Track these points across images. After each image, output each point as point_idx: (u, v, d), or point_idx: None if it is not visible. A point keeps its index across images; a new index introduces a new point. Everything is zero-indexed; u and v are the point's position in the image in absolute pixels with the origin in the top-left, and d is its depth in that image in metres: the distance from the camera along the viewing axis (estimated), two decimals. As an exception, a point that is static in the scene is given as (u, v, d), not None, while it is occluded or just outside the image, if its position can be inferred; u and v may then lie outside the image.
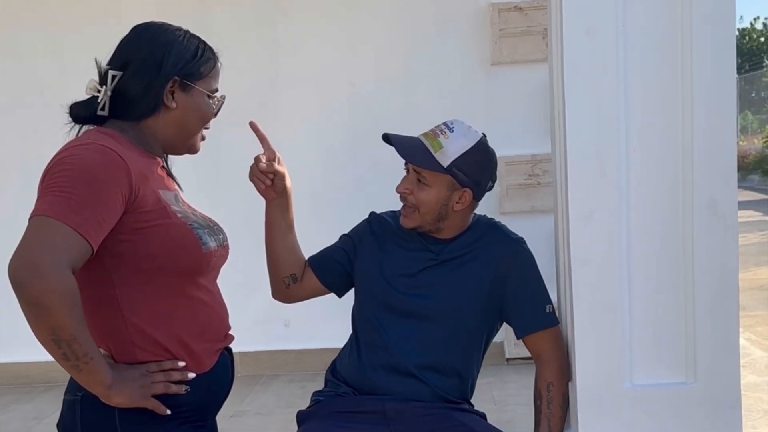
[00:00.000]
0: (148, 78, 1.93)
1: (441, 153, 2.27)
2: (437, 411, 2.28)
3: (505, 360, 5.29)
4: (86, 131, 1.95)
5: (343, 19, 5.56)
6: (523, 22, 5.43)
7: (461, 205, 2.32)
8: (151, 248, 1.84)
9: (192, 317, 1.94)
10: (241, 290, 5.46)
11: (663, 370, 2.12)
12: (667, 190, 2.10)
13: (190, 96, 1.98)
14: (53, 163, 1.79)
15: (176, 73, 1.95)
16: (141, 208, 1.83)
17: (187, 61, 1.97)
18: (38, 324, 1.69)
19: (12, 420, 4.86)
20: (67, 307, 1.67)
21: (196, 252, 1.91)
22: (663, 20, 2.06)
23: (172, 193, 1.99)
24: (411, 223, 2.33)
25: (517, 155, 5.40)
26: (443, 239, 2.37)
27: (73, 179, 1.74)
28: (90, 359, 1.73)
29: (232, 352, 2.14)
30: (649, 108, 2.09)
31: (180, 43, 1.98)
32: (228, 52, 6.06)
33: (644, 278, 2.10)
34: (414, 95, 5.43)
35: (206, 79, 2.01)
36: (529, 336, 2.33)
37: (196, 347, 1.96)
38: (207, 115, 2.04)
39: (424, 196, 2.30)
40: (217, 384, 2.05)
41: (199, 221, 1.98)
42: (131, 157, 1.85)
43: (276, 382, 5.36)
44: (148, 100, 1.94)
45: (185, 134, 2.01)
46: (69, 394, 1.94)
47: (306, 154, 5.51)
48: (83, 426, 1.90)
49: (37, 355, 5.43)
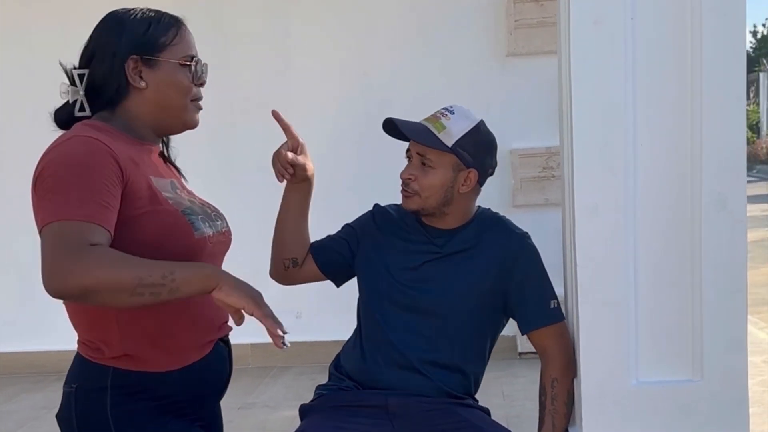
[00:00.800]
0: (108, 63, 1.91)
1: (445, 133, 2.26)
2: (440, 406, 2.26)
3: (518, 354, 5.26)
4: (73, 127, 1.94)
5: (356, 8, 5.53)
6: (538, 13, 5.38)
7: (467, 187, 2.30)
8: (140, 236, 1.81)
9: (183, 307, 1.90)
10: (252, 281, 5.42)
11: (669, 367, 2.09)
12: (675, 184, 2.06)
13: (159, 70, 1.93)
14: (41, 167, 1.77)
15: (133, 51, 1.91)
16: (131, 194, 1.80)
17: (141, 35, 1.92)
18: (107, 299, 1.66)
19: (22, 409, 4.89)
20: (105, 269, 1.63)
21: (187, 238, 1.88)
22: (672, 12, 2.02)
23: (167, 180, 1.97)
24: (412, 205, 2.31)
25: (531, 148, 5.37)
26: (447, 230, 2.34)
27: (64, 178, 1.72)
28: (172, 278, 1.66)
29: (229, 343, 2.11)
30: (657, 101, 2.05)
31: (131, 22, 1.93)
32: (241, 42, 6.14)
33: (651, 274, 2.07)
34: (428, 86, 5.39)
35: (170, 48, 1.94)
36: (533, 332, 2.31)
37: (186, 337, 1.95)
38: (185, 85, 1.97)
39: (429, 179, 2.28)
40: (211, 375, 2.03)
41: (194, 208, 1.96)
42: (117, 145, 1.82)
43: (286, 374, 5.36)
44: (113, 84, 1.91)
45: (169, 110, 1.96)
46: (66, 385, 1.95)
47: (318, 144, 5.41)
48: (77, 418, 1.90)
49: (50, 344, 5.49)
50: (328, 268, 2.44)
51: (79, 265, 1.61)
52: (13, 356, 5.61)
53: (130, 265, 1.66)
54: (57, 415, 1.97)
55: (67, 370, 1.98)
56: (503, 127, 5.39)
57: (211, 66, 2.10)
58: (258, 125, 5.54)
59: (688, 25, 2.02)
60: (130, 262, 1.66)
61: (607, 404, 2.10)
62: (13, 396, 5.17)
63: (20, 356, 5.60)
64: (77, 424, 1.90)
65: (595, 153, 2.06)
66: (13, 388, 5.33)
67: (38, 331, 5.39)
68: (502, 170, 5.31)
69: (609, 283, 2.07)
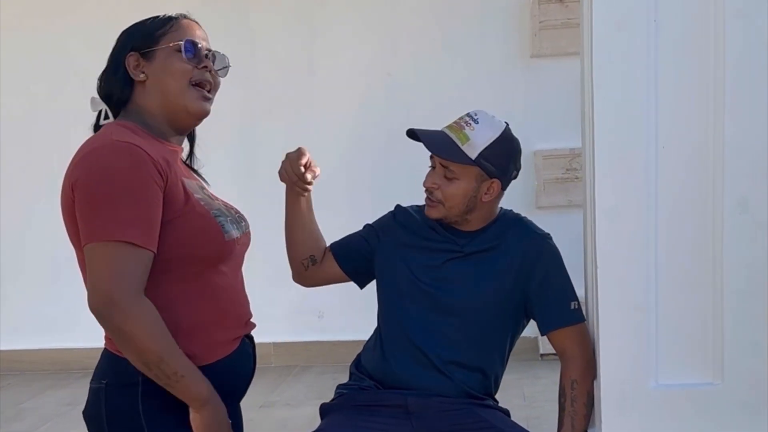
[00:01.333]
0: (112, 65, 2.01)
1: (468, 145, 2.25)
2: (460, 406, 2.27)
3: (539, 355, 5.25)
4: (105, 125, 1.99)
5: (380, 9, 5.54)
6: (563, 14, 5.36)
7: (489, 196, 2.30)
8: (173, 238, 1.86)
9: (211, 304, 1.96)
10: (275, 281, 5.44)
11: (689, 370, 2.08)
12: (697, 187, 2.06)
13: (155, 59, 1.99)
14: (82, 175, 1.83)
15: (130, 48, 1.99)
16: (169, 197, 1.86)
17: (138, 33, 2.01)
18: (126, 349, 1.80)
19: (47, 405, 4.93)
20: (147, 332, 1.78)
21: (218, 241, 1.93)
22: (695, 15, 2.02)
23: (195, 182, 2.01)
24: (436, 213, 2.32)
25: (555, 149, 5.35)
26: (469, 231, 2.35)
27: (112, 191, 1.79)
28: (180, 377, 1.81)
29: (253, 340, 2.14)
30: (679, 104, 2.05)
31: (132, 26, 2.03)
32: (265, 42, 6.16)
33: (671, 276, 2.07)
34: (452, 87, 5.39)
35: (166, 37, 2.00)
36: (552, 332, 2.31)
37: (215, 334, 1.98)
38: (175, 69, 1.99)
39: (452, 190, 2.28)
40: (237, 371, 2.06)
41: (222, 209, 2.00)
42: (151, 147, 1.87)
43: (308, 373, 5.37)
44: (117, 83, 1.99)
45: (169, 97, 1.99)
46: (94, 381, 1.98)
47: (341, 144, 5.51)
48: (107, 413, 1.92)
49: (76, 341, 5.52)
50: (349, 266, 2.45)
51: (128, 311, 1.76)
52: (38, 353, 5.66)
53: (163, 342, 1.80)
54: (84, 412, 1.99)
55: (93, 366, 2.01)
56: (527, 129, 5.43)
57: (236, 66, 2.13)
58: (282, 125, 5.62)
59: (711, 27, 2.01)
60: (165, 339, 1.80)
61: (626, 406, 2.09)
62: (38, 392, 5.22)
63: (46, 353, 5.65)
64: (107, 420, 1.93)
65: (617, 155, 2.06)
66: (38, 384, 5.37)
67: (63, 327, 5.45)
68: (526, 171, 5.29)
69: (629, 285, 2.07)
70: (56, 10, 5.58)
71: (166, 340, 1.81)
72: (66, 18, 5.56)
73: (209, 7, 5.25)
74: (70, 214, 1.87)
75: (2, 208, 5.72)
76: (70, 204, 1.85)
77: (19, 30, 5.61)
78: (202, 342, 1.95)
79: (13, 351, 5.66)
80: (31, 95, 5.63)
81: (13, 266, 5.72)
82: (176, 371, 1.81)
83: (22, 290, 5.71)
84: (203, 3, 5.29)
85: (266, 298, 5.20)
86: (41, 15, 5.61)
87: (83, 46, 5.23)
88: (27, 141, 5.63)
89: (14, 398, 5.13)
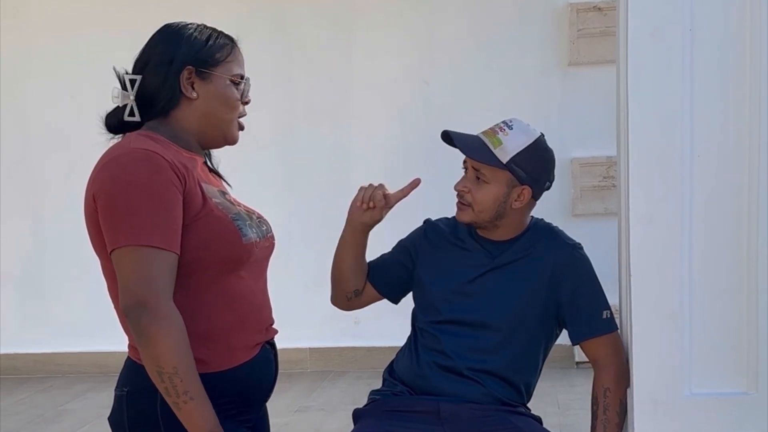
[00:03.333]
0: (163, 72, 1.99)
1: (500, 149, 2.27)
2: (492, 413, 2.27)
3: (575, 363, 5.23)
4: (125, 135, 2.02)
5: (418, 17, 5.56)
6: (601, 22, 5.34)
7: (520, 203, 2.31)
8: (191, 241, 1.89)
9: (231, 309, 1.98)
10: (312, 287, 5.50)
11: (724, 379, 2.08)
12: (733, 196, 2.05)
13: (210, 83, 2.01)
14: (105, 183, 1.87)
15: (189, 62, 1.99)
16: (187, 202, 1.89)
17: (199, 49, 2.00)
18: (145, 354, 1.82)
19: (86, 407, 4.99)
20: (171, 340, 1.80)
21: (235, 243, 1.95)
22: (731, 22, 2.02)
23: (215, 188, 2.03)
24: (466, 217, 2.33)
25: (592, 156, 5.33)
26: (500, 241, 2.36)
27: (133, 198, 1.83)
28: (189, 399, 1.81)
29: (275, 346, 2.15)
30: (715, 112, 2.05)
31: (191, 34, 2.02)
32: (304, 50, 6.19)
33: (706, 285, 2.06)
34: (489, 95, 5.39)
35: (224, 64, 2.03)
36: (584, 342, 2.31)
37: (234, 339, 2.00)
38: (231, 101, 2.04)
39: (483, 194, 2.29)
40: (258, 376, 2.07)
41: (241, 214, 2.02)
42: (169, 153, 1.90)
43: (344, 378, 5.39)
44: (166, 92, 1.99)
45: (213, 123, 2.03)
46: (117, 389, 2.01)
47: (380, 153, 5.54)
48: (129, 419, 1.96)
49: (115, 345, 5.58)
50: (386, 290, 2.49)
51: (158, 314, 1.79)
52: (81, 356, 5.74)
53: (182, 356, 1.81)
54: (109, 418, 2.03)
55: None
56: (564, 136, 5.44)
57: (274, 73, 2.16)
58: (320, 132, 5.66)
59: (747, 35, 2.01)
60: (185, 355, 1.82)
61: (659, 415, 2.09)
62: (79, 394, 5.29)
63: (88, 356, 5.72)
64: (129, 425, 1.96)
65: (652, 163, 2.06)
66: (80, 386, 5.45)
67: (104, 331, 5.51)
68: (563, 179, 5.30)
69: (663, 294, 2.07)
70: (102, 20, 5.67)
71: (187, 356, 1.82)
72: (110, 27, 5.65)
73: (249, 17, 5.31)
74: (93, 223, 1.91)
75: (46, 214, 5.82)
76: (93, 213, 1.90)
77: (64, 36, 5.71)
78: (220, 347, 1.97)
79: (55, 354, 5.75)
80: (74, 103, 5.71)
81: (57, 270, 5.80)
82: (187, 391, 1.81)
83: (65, 294, 5.79)
84: (241, 11, 5.40)
85: (303, 304, 5.27)
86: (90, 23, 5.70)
87: (127, 54, 5.32)
88: (68, 147, 5.72)
89: (55, 400, 5.20)
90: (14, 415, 4.92)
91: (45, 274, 5.84)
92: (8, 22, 5.71)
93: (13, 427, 4.69)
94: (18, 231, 5.84)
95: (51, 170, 5.79)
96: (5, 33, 5.70)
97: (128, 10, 5.57)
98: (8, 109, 5.77)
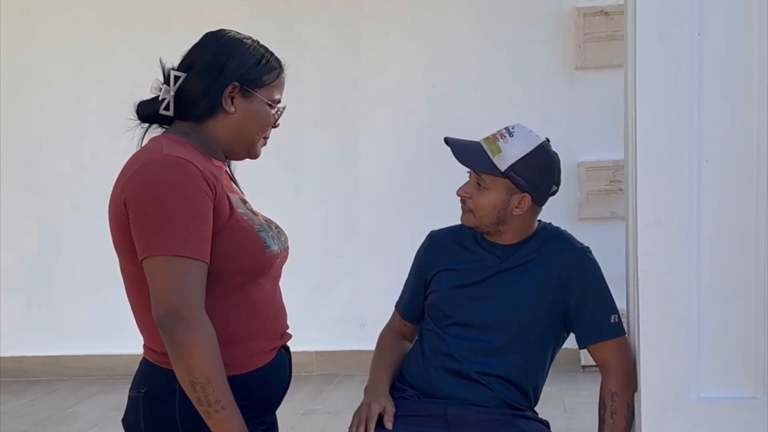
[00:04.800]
0: (209, 80, 1.98)
1: (499, 157, 2.27)
2: (499, 417, 2.27)
3: (581, 367, 5.23)
4: (152, 138, 2.02)
5: (426, 22, 5.57)
6: (608, 26, 5.34)
7: (520, 210, 2.31)
8: (218, 250, 1.89)
9: (250, 316, 1.99)
10: (318, 291, 5.52)
11: (731, 383, 2.08)
12: (741, 200, 2.05)
13: (250, 103, 2.01)
14: (137, 190, 1.86)
15: (237, 78, 1.98)
16: (216, 211, 1.90)
17: (250, 67, 2.00)
18: (178, 363, 1.82)
19: (94, 410, 5.00)
20: (204, 350, 1.80)
21: (260, 255, 1.96)
22: (739, 27, 2.02)
23: (237, 196, 2.04)
24: (468, 222, 2.35)
25: (599, 160, 5.34)
26: (506, 245, 2.36)
27: (167, 207, 1.83)
28: (221, 408, 1.82)
29: (289, 351, 2.16)
30: (723, 117, 2.05)
31: (245, 50, 2.02)
32: (311, 54, 6.21)
33: (713, 289, 2.06)
34: (495, 99, 5.40)
35: (268, 88, 2.04)
36: (592, 346, 2.32)
37: (252, 345, 2.00)
38: (266, 124, 2.06)
39: (483, 200, 2.30)
40: (273, 381, 2.08)
41: (263, 225, 2.03)
42: (200, 162, 1.91)
43: (350, 381, 5.38)
44: (207, 101, 1.98)
45: (243, 140, 2.05)
46: (133, 390, 2.00)
47: (386, 156, 5.55)
48: (146, 422, 1.95)
49: (122, 347, 5.60)
50: (420, 320, 2.50)
51: (192, 325, 1.80)
52: (87, 358, 5.75)
53: (215, 366, 1.82)
54: (123, 420, 2.03)
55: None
56: (571, 140, 5.44)
57: (281, 77, 2.16)
58: (326, 137, 5.67)
59: (755, 40, 2.01)
60: (217, 365, 1.83)
61: (667, 419, 2.09)
62: (86, 397, 5.30)
63: (94, 359, 5.73)
64: (146, 428, 1.96)
65: (659, 167, 2.06)
66: (87, 389, 5.46)
67: (111, 333, 5.53)
68: (569, 183, 5.31)
69: (671, 297, 2.07)
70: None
71: (219, 366, 1.83)
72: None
73: (254, 18, 5.32)
74: (120, 227, 1.91)
75: (53, 216, 5.83)
76: (122, 218, 1.89)
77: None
78: (239, 352, 1.97)
79: (62, 356, 5.76)
80: (80, 105, 5.73)
81: (64, 273, 5.82)
82: (219, 400, 1.82)
83: (72, 297, 5.81)
84: (247, 12, 5.41)
85: (309, 307, 5.28)
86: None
87: (133, 56, 5.33)
88: (75, 149, 5.73)
89: (62, 403, 5.21)
90: (21, 417, 4.93)
91: (52, 277, 5.86)
92: (15, 24, 5.73)
93: (20, 430, 4.71)
94: (24, 233, 5.85)
95: (58, 172, 5.81)
96: (12, 35, 5.72)
97: (135, 12, 5.59)
98: (14, 110, 5.79)
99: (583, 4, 5.41)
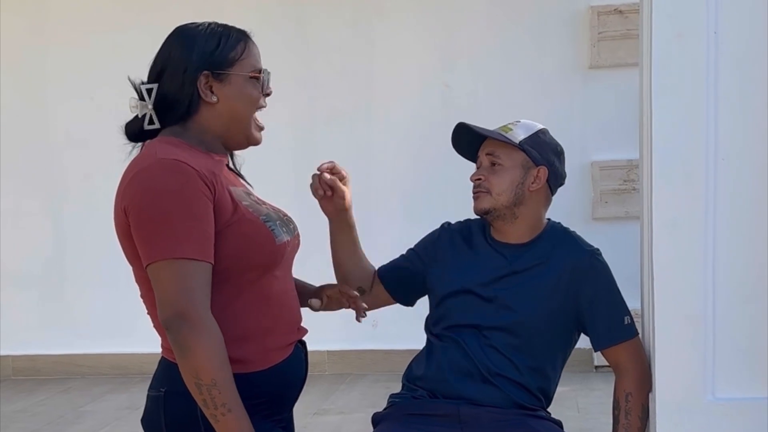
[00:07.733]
0: (179, 80, 1.97)
1: (512, 134, 2.33)
2: (512, 417, 2.26)
3: (594, 367, 5.21)
4: (147, 143, 2.01)
5: (439, 20, 5.56)
6: (622, 25, 5.33)
7: (537, 185, 2.31)
8: (226, 247, 1.89)
9: (265, 311, 1.98)
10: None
11: (747, 383, 2.06)
12: (757, 199, 2.03)
13: (229, 84, 1.99)
14: (136, 196, 1.86)
15: (205, 67, 1.96)
16: (218, 209, 1.89)
17: (211, 52, 1.98)
18: (184, 365, 1.81)
19: (106, 409, 5.02)
20: (210, 352, 1.79)
21: (270, 245, 1.95)
22: (755, 25, 2.00)
23: (241, 188, 2.03)
24: (484, 204, 2.33)
25: (613, 160, 5.32)
26: (516, 245, 2.36)
27: (165, 210, 1.83)
28: (227, 411, 1.81)
29: (305, 345, 2.16)
30: (740, 116, 2.03)
31: (201, 38, 1.99)
32: (325, 53, 6.21)
33: (729, 289, 2.04)
34: (509, 98, 5.39)
35: (240, 62, 2.00)
36: (606, 349, 2.31)
37: (269, 340, 2.00)
38: (253, 98, 2.03)
39: (499, 178, 2.31)
40: (291, 376, 2.08)
41: (270, 214, 2.02)
42: (197, 161, 1.90)
43: (362, 381, 5.39)
44: (185, 99, 1.97)
45: (237, 123, 2.02)
46: (153, 389, 2.00)
47: (399, 155, 5.55)
48: (167, 421, 1.95)
49: (134, 346, 5.63)
50: (398, 292, 2.49)
51: (198, 327, 1.79)
52: (100, 357, 5.77)
53: (221, 368, 1.81)
54: (143, 420, 2.02)
55: (151, 372, 2.04)
56: (584, 139, 5.42)
57: (295, 76, 2.16)
58: (340, 135, 5.66)
59: (773, 39, 2.00)
60: (223, 367, 1.82)
61: (682, 420, 2.07)
62: (98, 396, 5.31)
63: (106, 357, 5.76)
64: (167, 427, 1.95)
65: (676, 167, 2.05)
66: (98, 388, 5.48)
67: (124, 333, 5.54)
68: (583, 182, 5.30)
69: (686, 298, 2.05)
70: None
71: (225, 368, 1.82)
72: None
73: (268, 17, 5.32)
74: (126, 235, 1.91)
75: (66, 215, 5.85)
76: (124, 226, 1.89)
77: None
78: (256, 348, 1.97)
79: (75, 355, 5.79)
80: (93, 104, 5.74)
81: (77, 272, 5.83)
82: (225, 403, 1.80)
83: (85, 295, 5.82)
84: (260, 11, 5.40)
85: (321, 306, 5.27)
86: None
87: (147, 55, 5.33)
88: (88, 148, 5.74)
89: (75, 401, 5.23)
90: (34, 415, 4.96)
91: (65, 276, 5.88)
92: (28, 23, 5.75)
93: (34, 428, 4.72)
94: (38, 232, 5.88)
95: (70, 171, 5.83)
96: (25, 33, 5.75)
97: (147, 10, 5.60)
98: (28, 109, 5.82)
99: (598, 2, 5.40)
